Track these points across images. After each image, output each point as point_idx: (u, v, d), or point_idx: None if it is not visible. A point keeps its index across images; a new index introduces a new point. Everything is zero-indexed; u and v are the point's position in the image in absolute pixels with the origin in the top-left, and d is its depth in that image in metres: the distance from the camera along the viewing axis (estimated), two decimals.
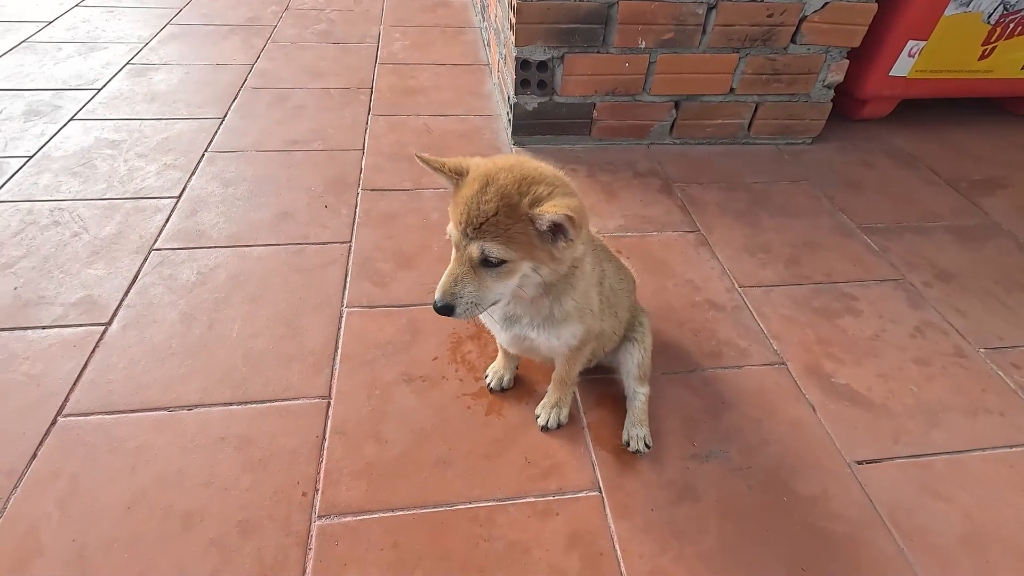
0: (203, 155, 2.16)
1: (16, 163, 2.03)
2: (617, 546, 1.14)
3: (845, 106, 2.65)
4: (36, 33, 2.95)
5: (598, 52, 2.15)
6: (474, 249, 0.91)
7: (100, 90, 2.51)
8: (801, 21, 2.16)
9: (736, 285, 1.78)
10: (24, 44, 2.85)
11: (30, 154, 2.08)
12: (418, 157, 0.94)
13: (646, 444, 1.29)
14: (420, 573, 1.07)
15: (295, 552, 1.09)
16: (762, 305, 1.71)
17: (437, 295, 0.94)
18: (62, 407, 1.29)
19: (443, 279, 0.95)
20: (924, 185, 2.33)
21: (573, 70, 2.17)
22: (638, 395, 1.36)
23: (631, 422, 1.33)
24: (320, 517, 1.14)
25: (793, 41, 2.21)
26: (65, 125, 2.26)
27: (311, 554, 1.09)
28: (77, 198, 1.90)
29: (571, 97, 2.25)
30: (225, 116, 2.40)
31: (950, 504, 1.26)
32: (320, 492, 1.18)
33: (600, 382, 1.46)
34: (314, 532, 1.12)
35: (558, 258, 0.96)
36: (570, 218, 0.86)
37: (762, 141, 2.50)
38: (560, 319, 1.08)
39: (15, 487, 1.15)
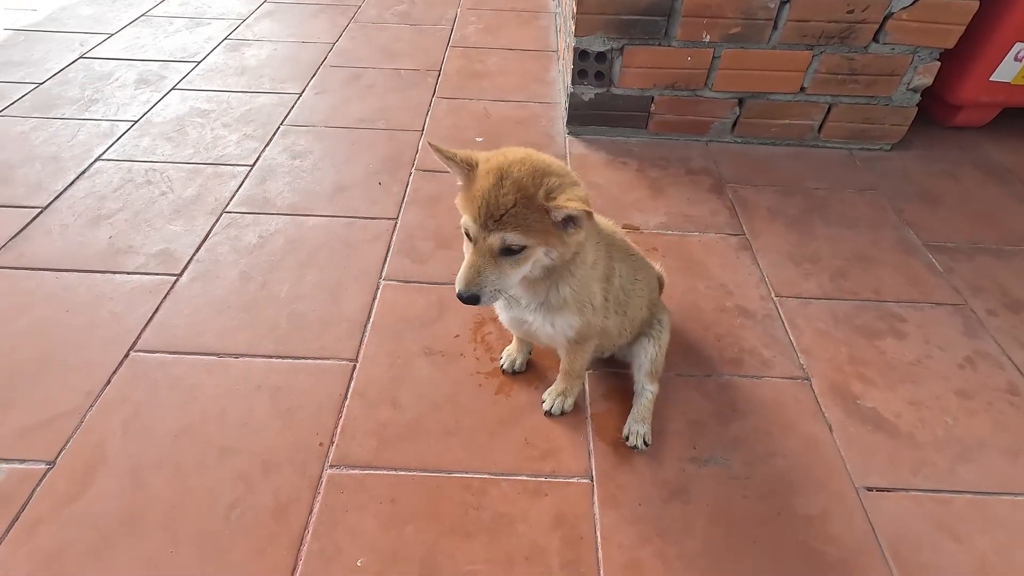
0: (278, 128, 2.35)
1: (124, 127, 2.31)
2: (599, 533, 1.18)
3: (936, 111, 2.45)
4: (153, 8, 3.28)
5: (659, 45, 2.11)
6: (495, 240, 0.96)
7: (200, 62, 2.77)
8: (886, 19, 2.01)
9: (772, 294, 1.73)
10: (143, 18, 3.17)
11: (135, 119, 2.35)
12: (431, 145, 1.01)
13: (645, 441, 1.32)
14: (411, 528, 1.18)
15: (306, 493, 1.22)
16: (796, 317, 1.66)
17: (460, 287, 0.99)
18: (135, 343, 1.50)
19: (464, 271, 0.99)
20: (1014, 203, 2.12)
21: (632, 62, 2.15)
22: (646, 391, 1.38)
23: (634, 417, 1.35)
24: (332, 466, 1.27)
25: (875, 40, 2.07)
26: (167, 94, 2.52)
27: (319, 497, 1.22)
28: (168, 160, 2.14)
29: (629, 89, 2.24)
30: (303, 92, 2.58)
31: (964, 546, 1.20)
32: (335, 444, 1.31)
33: (612, 376, 1.49)
34: (325, 479, 1.25)
35: (567, 243, 1.02)
36: (587, 212, 0.93)
37: (833, 145, 2.37)
38: (557, 306, 1.13)
39: (91, 406, 1.36)
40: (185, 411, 1.36)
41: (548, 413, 1.39)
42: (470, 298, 0.99)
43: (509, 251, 0.98)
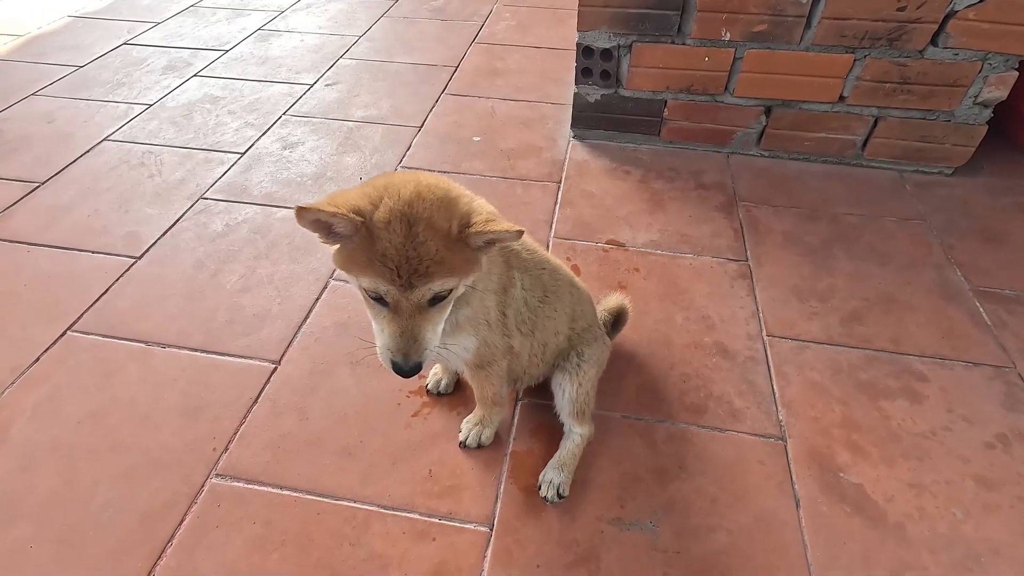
0: (279, 118, 2.33)
1: (138, 109, 2.37)
2: None
3: (1014, 131, 2.06)
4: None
5: (672, 42, 1.89)
6: (421, 294, 0.81)
7: (227, 51, 2.82)
8: (947, 18, 1.69)
9: (763, 332, 1.48)
10: (191, 8, 3.30)
11: (151, 103, 2.41)
12: (297, 208, 0.75)
13: (559, 493, 1.13)
14: (276, 556, 1.07)
15: (182, 502, 1.14)
16: (786, 363, 1.41)
17: (397, 359, 0.84)
18: (74, 323, 1.50)
19: (391, 340, 0.84)
20: None
21: (641, 61, 1.95)
22: (572, 435, 1.20)
23: (553, 464, 1.17)
24: (217, 475, 1.19)
25: (934, 43, 1.75)
26: (187, 80, 2.58)
27: (195, 507, 1.13)
28: (166, 144, 2.17)
29: (638, 91, 2.03)
30: (314, 83, 2.56)
31: None
32: (228, 452, 1.22)
33: (545, 408, 1.31)
34: (206, 488, 1.17)
35: (482, 263, 0.88)
36: (519, 232, 0.79)
37: (880, 165, 2.04)
38: (448, 330, 0.98)
39: (12, 382, 1.36)
40: (96, 398, 1.33)
41: (463, 444, 1.23)
42: (415, 367, 0.85)
43: (436, 298, 0.84)
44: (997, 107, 1.85)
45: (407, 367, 0.84)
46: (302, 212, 0.75)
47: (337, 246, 0.83)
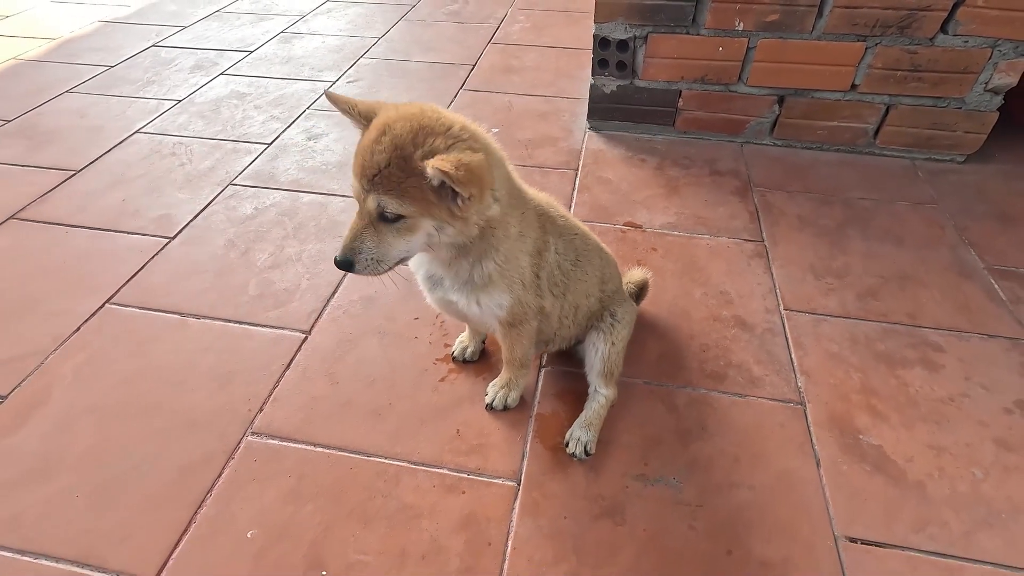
0: (304, 112, 2.40)
1: (168, 104, 2.46)
2: (510, 542, 1.05)
3: None
4: (228, 5, 3.52)
5: (686, 33, 1.95)
6: (371, 202, 0.87)
7: (252, 52, 2.92)
8: (957, 4, 1.74)
9: (781, 307, 1.51)
10: (216, 13, 3.41)
11: (180, 99, 2.50)
12: (327, 95, 0.94)
13: (586, 450, 1.16)
14: (310, 507, 1.10)
15: (219, 457, 1.18)
16: (804, 335, 1.43)
17: (337, 253, 0.92)
18: (112, 296, 1.55)
19: (346, 234, 0.91)
20: None
21: (657, 52, 2.01)
22: (598, 395, 1.23)
23: (580, 423, 1.20)
24: (253, 434, 1.22)
25: (944, 30, 1.79)
26: (214, 78, 2.67)
27: (231, 462, 1.17)
28: (195, 136, 2.24)
29: (653, 82, 2.08)
30: (336, 80, 2.64)
31: None
32: (263, 412, 1.27)
33: (569, 376, 1.35)
34: (242, 445, 1.20)
35: (461, 217, 0.90)
36: (446, 172, 0.79)
37: (892, 153, 2.08)
38: (480, 284, 1.02)
39: (55, 350, 1.41)
40: (133, 364, 1.37)
41: (489, 407, 1.27)
42: (342, 263, 0.91)
43: (387, 217, 0.88)
44: (1007, 94, 1.88)
45: (338, 259, 0.91)
46: (331, 96, 0.93)
47: None
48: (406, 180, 0.85)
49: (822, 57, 1.90)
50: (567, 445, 1.18)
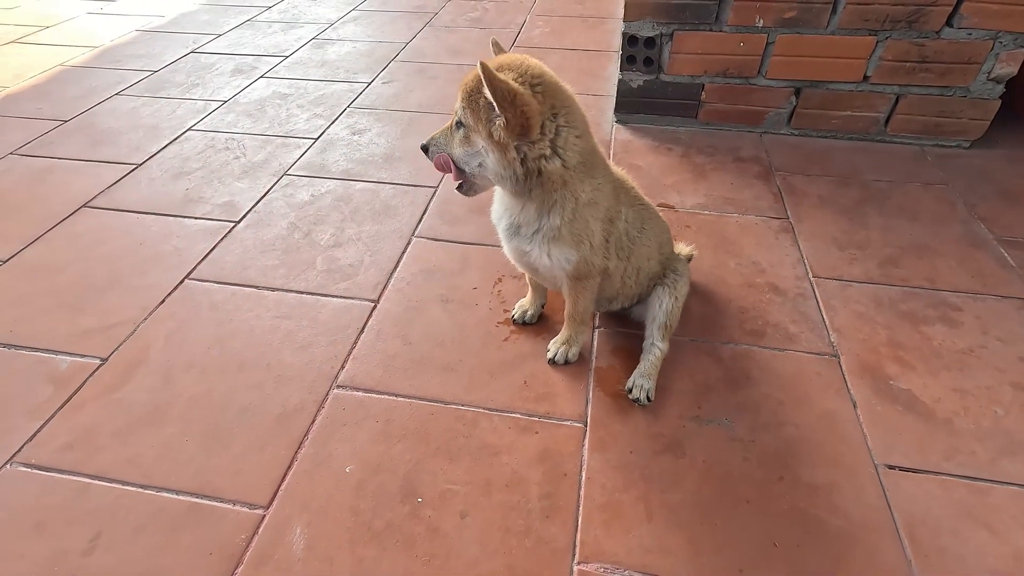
0: (345, 109, 2.54)
1: (215, 105, 2.60)
2: (584, 472, 1.17)
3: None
4: (258, 15, 3.68)
5: (710, 30, 2.10)
6: (456, 112, 1.10)
7: (287, 57, 3.07)
8: (961, 0, 1.89)
9: (810, 274, 1.64)
10: (248, 22, 3.57)
11: (225, 100, 2.64)
12: (493, 42, 1.18)
13: (648, 396, 1.28)
14: (399, 446, 1.22)
15: (311, 407, 1.30)
16: (833, 298, 1.56)
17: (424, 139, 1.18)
18: (190, 273, 1.67)
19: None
20: None
21: (682, 48, 2.16)
22: (654, 348, 1.35)
23: (640, 372, 1.32)
24: (338, 387, 1.34)
25: (949, 24, 1.94)
26: (255, 81, 2.81)
27: (322, 411, 1.29)
28: (246, 132, 2.38)
29: (678, 76, 2.23)
30: (372, 81, 2.79)
31: (996, 537, 1.06)
32: (345, 368, 1.39)
33: (621, 335, 1.47)
34: (330, 396, 1.32)
35: (498, 142, 1.03)
36: (489, 81, 0.94)
37: (902, 140, 2.22)
38: (550, 236, 1.14)
39: (145, 319, 1.53)
40: (219, 329, 1.49)
41: (552, 361, 1.39)
42: (423, 146, 1.18)
43: (460, 124, 1.09)
44: (1008, 83, 2.03)
45: (422, 143, 1.19)
46: (483, 66, 0.97)
47: None
48: (478, 99, 1.02)
49: (836, 51, 2.05)
50: (630, 391, 1.30)
